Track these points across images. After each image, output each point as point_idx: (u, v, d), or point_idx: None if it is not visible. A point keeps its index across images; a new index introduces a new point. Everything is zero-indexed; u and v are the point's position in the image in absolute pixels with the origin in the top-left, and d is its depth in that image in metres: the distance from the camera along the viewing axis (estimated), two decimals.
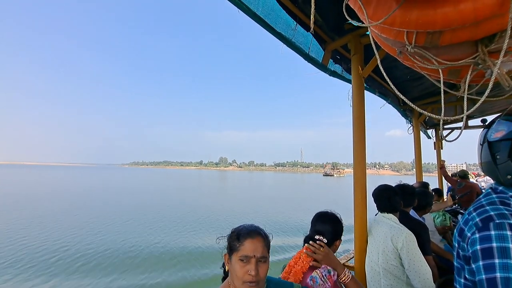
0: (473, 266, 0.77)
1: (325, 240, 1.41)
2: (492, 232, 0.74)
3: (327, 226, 1.46)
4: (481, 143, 0.92)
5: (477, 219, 0.80)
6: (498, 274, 0.69)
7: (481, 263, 0.74)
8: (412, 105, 0.96)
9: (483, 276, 0.73)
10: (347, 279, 1.33)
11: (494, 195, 0.86)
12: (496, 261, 0.70)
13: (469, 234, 0.80)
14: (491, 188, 0.92)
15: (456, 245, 0.89)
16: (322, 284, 1.24)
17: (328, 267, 1.33)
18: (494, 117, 0.96)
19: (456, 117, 0.88)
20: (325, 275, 1.28)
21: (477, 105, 0.80)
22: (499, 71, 0.81)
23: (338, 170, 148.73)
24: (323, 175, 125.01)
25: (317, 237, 1.43)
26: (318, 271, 1.28)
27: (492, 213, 0.78)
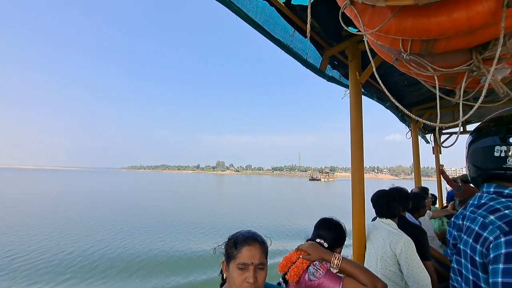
0: (490, 268, 0.74)
1: (325, 244, 1.40)
2: None
3: (330, 232, 1.45)
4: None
5: (500, 223, 0.76)
6: None
7: (501, 266, 0.70)
8: (407, 111, 0.97)
9: (499, 279, 0.69)
10: (339, 262, 1.26)
11: (503, 199, 0.84)
12: None
13: (491, 238, 0.76)
14: (488, 192, 0.90)
15: (470, 252, 0.83)
16: (315, 272, 1.25)
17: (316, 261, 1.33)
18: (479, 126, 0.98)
19: (452, 123, 0.88)
20: (316, 263, 1.28)
21: (471, 111, 0.81)
22: (493, 78, 0.82)
23: (327, 174, 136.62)
24: (309, 179, 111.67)
25: (318, 240, 1.43)
26: (313, 266, 1.28)
27: None
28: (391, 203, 1.98)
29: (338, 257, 1.27)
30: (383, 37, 0.92)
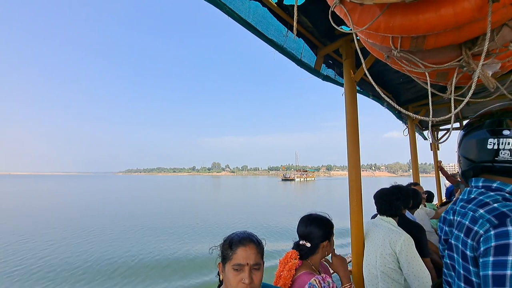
0: (480, 261, 0.74)
1: (308, 245, 1.39)
2: (510, 228, 0.71)
3: (308, 228, 1.43)
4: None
5: (489, 216, 0.77)
6: (509, 272, 0.67)
7: (491, 258, 0.71)
8: (399, 108, 0.97)
9: (489, 272, 0.70)
10: None
11: (492, 193, 0.85)
12: (510, 258, 0.67)
13: (481, 231, 0.76)
14: (477, 186, 0.91)
15: (461, 247, 0.84)
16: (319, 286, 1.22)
17: (328, 279, 1.31)
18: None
19: (444, 117, 0.88)
20: (325, 287, 1.25)
21: (461, 105, 0.81)
22: (482, 73, 0.83)
23: (305, 173, 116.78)
24: (282, 179, 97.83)
25: (301, 242, 1.41)
26: (316, 280, 1.25)
27: (503, 209, 0.75)
28: (394, 202, 1.98)
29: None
30: (374, 35, 0.92)
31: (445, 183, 5.94)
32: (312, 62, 2.43)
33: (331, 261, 1.52)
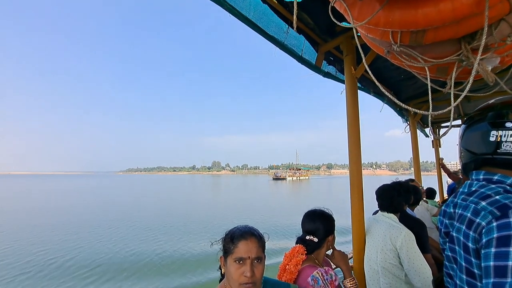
0: (482, 252, 0.75)
1: (315, 239, 1.41)
2: None
3: (316, 224, 1.46)
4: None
5: (491, 208, 0.77)
6: (510, 263, 0.67)
7: (493, 249, 0.71)
8: (400, 103, 0.98)
9: (491, 263, 0.70)
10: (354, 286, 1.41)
11: (493, 186, 0.85)
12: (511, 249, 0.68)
13: (484, 223, 0.77)
14: (478, 179, 0.92)
15: (463, 239, 0.85)
16: (323, 286, 1.23)
17: (331, 271, 1.32)
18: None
19: (443, 110, 0.89)
20: (327, 279, 1.26)
21: (460, 98, 0.82)
22: (481, 67, 0.83)
23: (298, 171, 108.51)
24: (273, 178, 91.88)
25: (307, 237, 1.43)
26: (319, 272, 1.27)
27: (505, 201, 0.76)
28: (395, 198, 1.98)
29: (355, 283, 1.42)
30: (374, 30, 0.93)
31: (447, 180, 5.94)
32: (313, 59, 2.44)
33: (330, 256, 1.56)
